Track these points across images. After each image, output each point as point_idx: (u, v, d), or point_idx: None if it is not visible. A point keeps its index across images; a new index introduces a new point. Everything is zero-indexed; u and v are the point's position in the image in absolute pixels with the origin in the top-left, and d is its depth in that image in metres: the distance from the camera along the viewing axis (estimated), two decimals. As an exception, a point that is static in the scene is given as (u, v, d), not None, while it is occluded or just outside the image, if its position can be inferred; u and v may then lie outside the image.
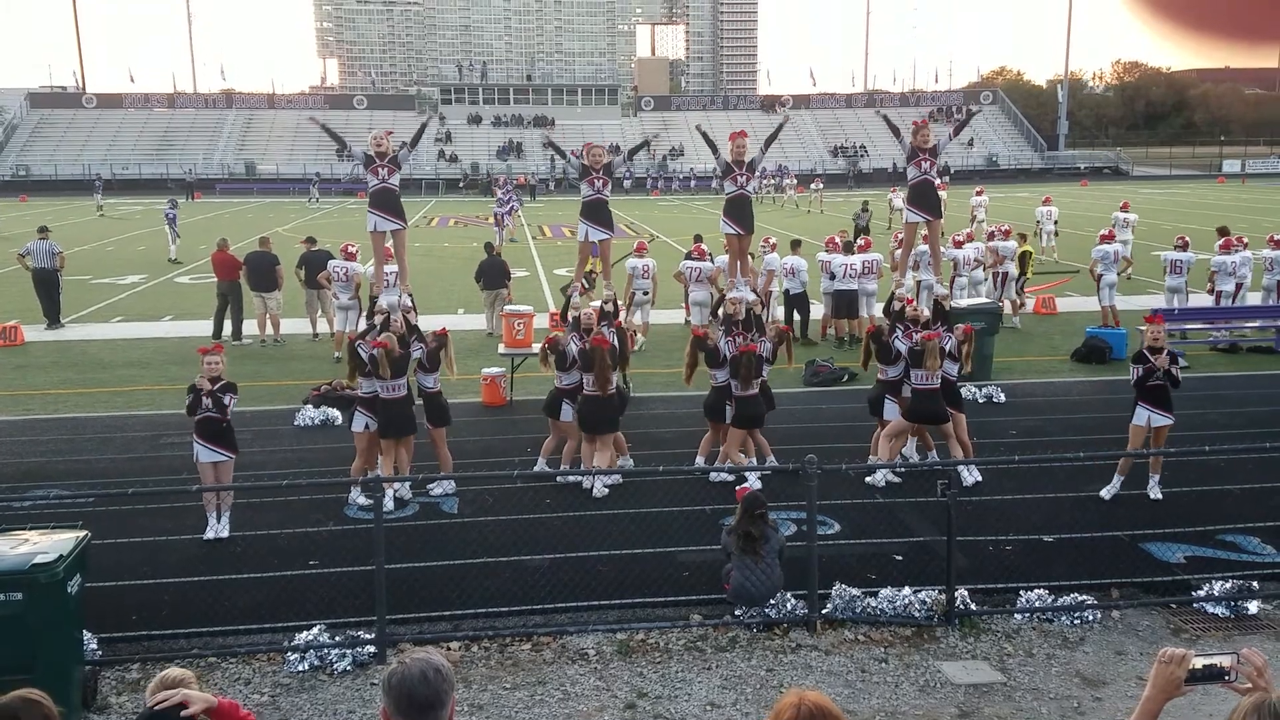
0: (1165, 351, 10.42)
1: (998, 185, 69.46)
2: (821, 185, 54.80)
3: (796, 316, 18.77)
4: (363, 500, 10.42)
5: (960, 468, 10.74)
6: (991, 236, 20.81)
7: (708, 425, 11.43)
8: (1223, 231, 19.73)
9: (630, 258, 18.75)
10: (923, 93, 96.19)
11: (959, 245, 19.93)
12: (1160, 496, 10.41)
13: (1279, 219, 40.82)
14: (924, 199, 12.52)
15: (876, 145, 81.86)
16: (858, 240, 21.21)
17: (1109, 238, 19.68)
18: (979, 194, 35.65)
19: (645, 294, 18.40)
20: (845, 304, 18.53)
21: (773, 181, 61.41)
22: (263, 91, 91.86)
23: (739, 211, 12.27)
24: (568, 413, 11.08)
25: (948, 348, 10.83)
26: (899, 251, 19.10)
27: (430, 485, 10.65)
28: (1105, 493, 10.50)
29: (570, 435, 11.18)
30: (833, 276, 18.51)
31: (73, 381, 16.40)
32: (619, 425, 11.06)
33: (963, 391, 11.22)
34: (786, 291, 18.58)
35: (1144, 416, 10.43)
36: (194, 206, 54.89)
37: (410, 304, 11.88)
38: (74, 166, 71.34)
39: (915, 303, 12.91)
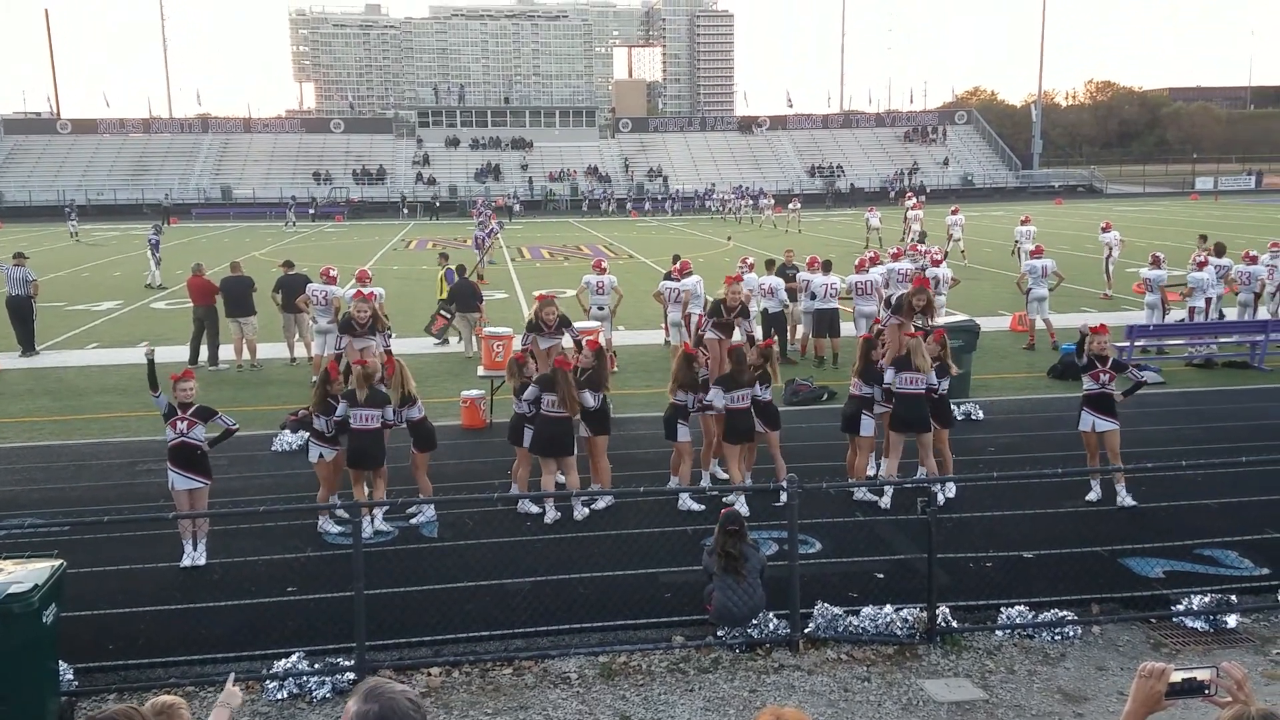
0: (1111, 360, 10.62)
1: (973, 204, 70.00)
2: (799, 205, 55.00)
3: (774, 336, 18.81)
4: (332, 528, 10.34)
5: (935, 486, 10.84)
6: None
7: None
8: (1219, 249, 20.00)
9: (589, 274, 18.95)
10: (898, 113, 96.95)
11: (937, 264, 20.07)
12: (1132, 503, 10.55)
13: (1252, 235, 41.27)
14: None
15: (853, 165, 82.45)
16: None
17: (1038, 252, 20.01)
18: (954, 213, 35.93)
19: (601, 309, 18.40)
20: (827, 323, 18.55)
21: (750, 202, 61.70)
22: (239, 116, 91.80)
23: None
24: (529, 438, 10.95)
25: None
26: (854, 277, 19.15)
27: (410, 511, 10.59)
28: (1091, 496, 10.79)
29: (525, 462, 11.10)
30: (814, 296, 18.55)
31: (48, 409, 16.26)
32: (573, 449, 10.85)
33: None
34: (765, 311, 18.62)
35: (1089, 422, 10.75)
36: (170, 231, 54.54)
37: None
38: (49, 193, 71.02)
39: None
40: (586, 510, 10.65)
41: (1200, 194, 78.39)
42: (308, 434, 10.95)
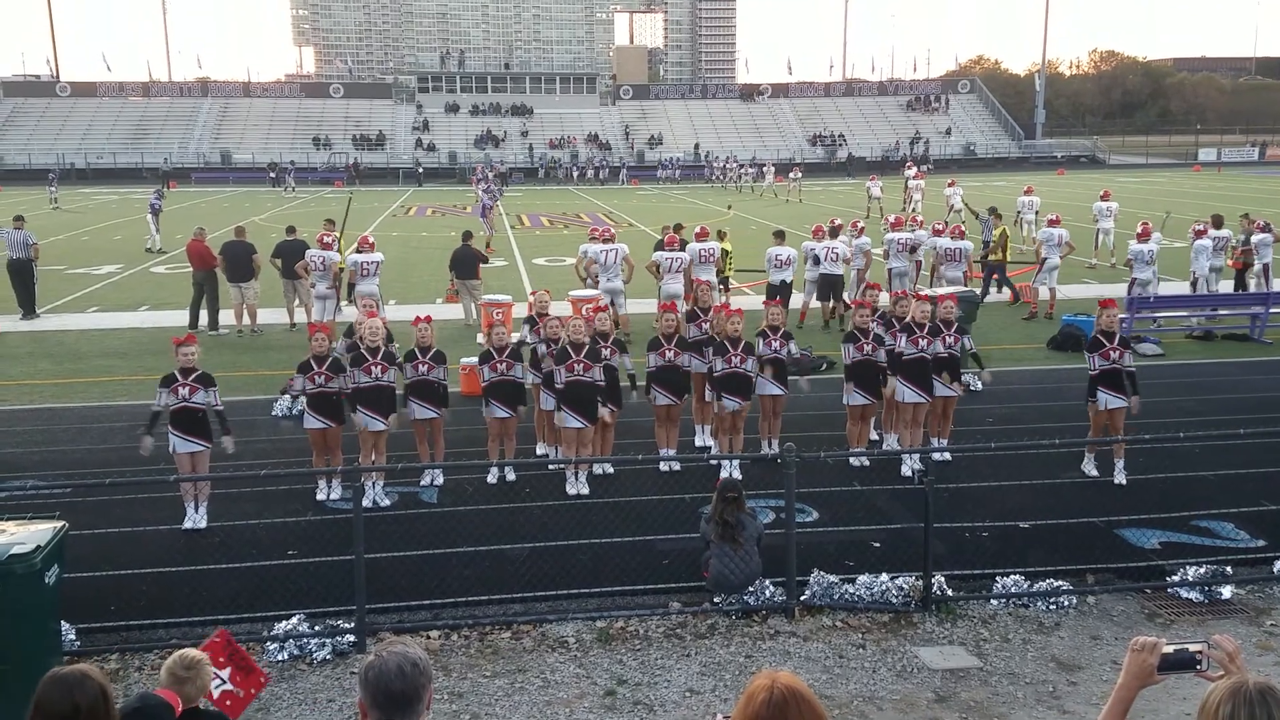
0: (1118, 336, 10.60)
1: (975, 174, 69.73)
2: (800, 175, 54.76)
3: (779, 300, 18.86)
4: (332, 495, 10.39)
5: (905, 457, 10.91)
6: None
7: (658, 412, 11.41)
8: (1217, 221, 19.94)
9: (585, 243, 19.07)
10: (901, 81, 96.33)
11: (938, 234, 20.05)
12: (1124, 481, 10.57)
13: (1255, 207, 41.08)
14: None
15: (855, 134, 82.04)
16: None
17: (1055, 222, 20.00)
18: (951, 185, 35.81)
19: (595, 279, 18.50)
20: (829, 287, 18.73)
21: (751, 171, 61.42)
22: (238, 80, 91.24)
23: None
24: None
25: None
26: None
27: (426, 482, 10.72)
28: (1088, 469, 10.79)
29: (495, 437, 11.09)
30: (816, 261, 18.65)
31: (49, 372, 16.28)
32: (596, 416, 10.88)
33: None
34: (782, 282, 18.50)
35: (1103, 400, 10.63)
36: (169, 196, 54.31)
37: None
38: (48, 156, 70.59)
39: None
40: (586, 488, 10.63)
41: (1203, 165, 78.09)
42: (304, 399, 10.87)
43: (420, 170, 69.92)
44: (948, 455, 11.12)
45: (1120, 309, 17.60)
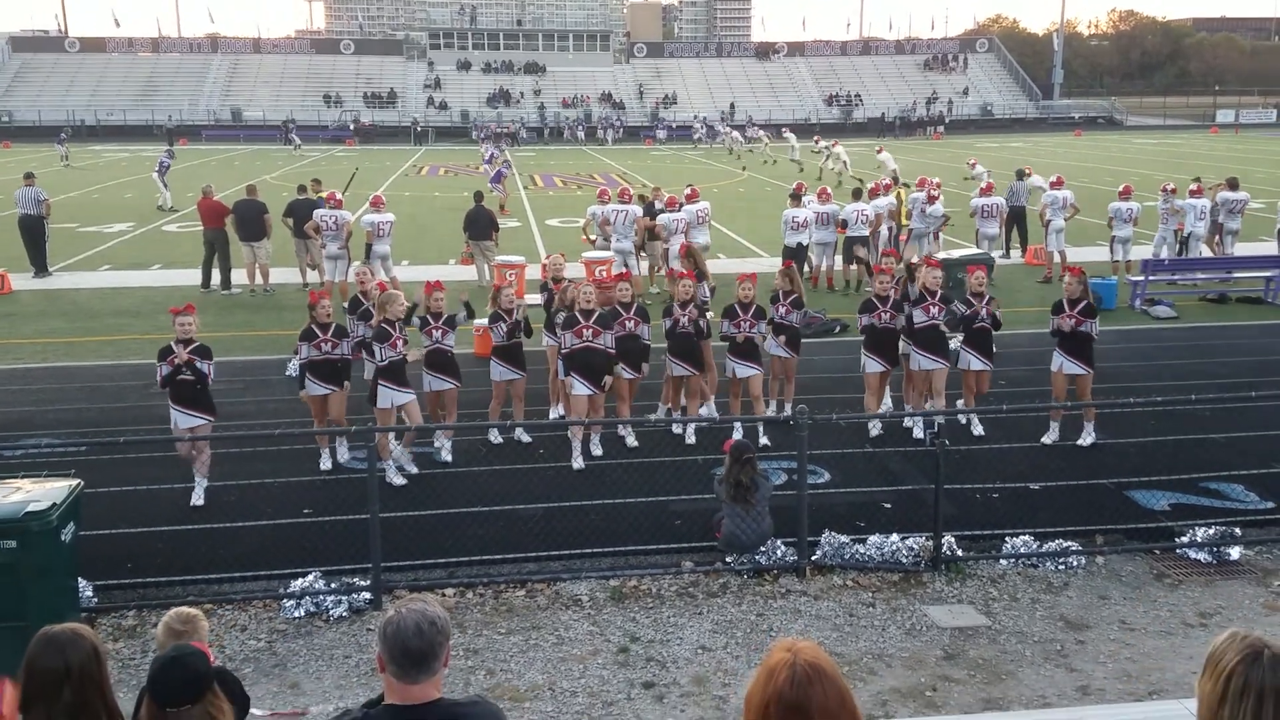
0: (1084, 303, 10.50)
1: (992, 135, 69.20)
2: (763, 134, 57.56)
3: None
4: (326, 463, 10.36)
5: (919, 419, 10.87)
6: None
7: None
8: (1232, 183, 19.78)
9: (593, 205, 18.99)
10: (918, 40, 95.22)
11: (933, 200, 19.87)
12: (1086, 444, 10.58)
13: (1271, 169, 40.76)
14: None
15: (871, 94, 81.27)
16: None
17: (1059, 184, 19.77)
18: (880, 151, 34.37)
19: (608, 239, 18.46)
20: (852, 251, 18.79)
21: (735, 134, 60.68)
22: (248, 36, 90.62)
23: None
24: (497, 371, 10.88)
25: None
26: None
27: (437, 446, 10.68)
28: (1046, 438, 10.73)
29: (499, 397, 11.04)
30: (845, 224, 18.64)
31: (62, 330, 16.36)
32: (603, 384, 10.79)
33: (951, 344, 11.17)
34: (798, 245, 18.45)
35: (1058, 363, 10.66)
36: (179, 153, 54.22)
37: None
38: (58, 112, 70.28)
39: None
40: (599, 449, 10.62)
41: (1220, 127, 77.26)
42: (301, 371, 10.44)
43: (419, 129, 69.14)
44: (980, 429, 11.06)
45: (1124, 273, 17.69)
